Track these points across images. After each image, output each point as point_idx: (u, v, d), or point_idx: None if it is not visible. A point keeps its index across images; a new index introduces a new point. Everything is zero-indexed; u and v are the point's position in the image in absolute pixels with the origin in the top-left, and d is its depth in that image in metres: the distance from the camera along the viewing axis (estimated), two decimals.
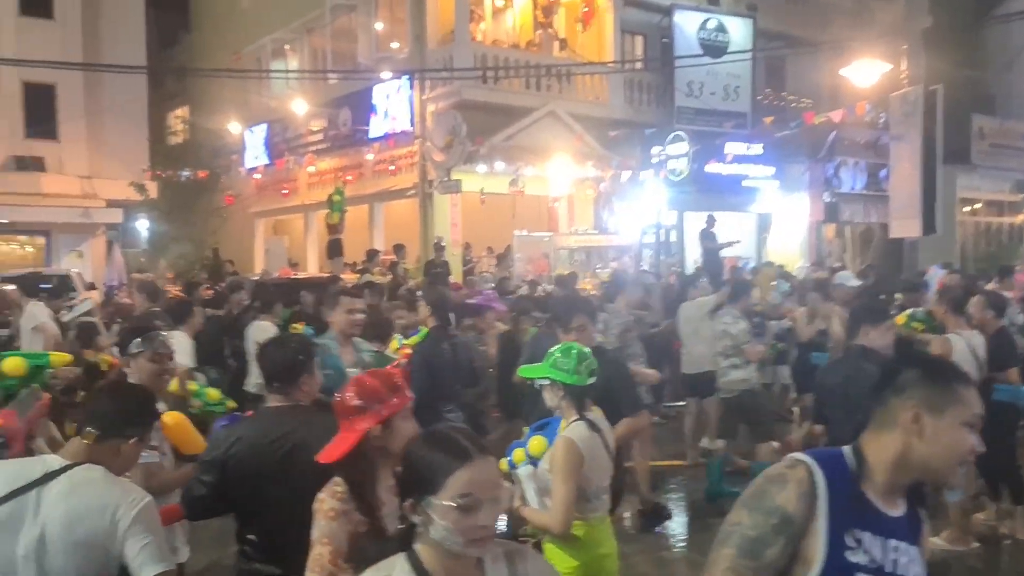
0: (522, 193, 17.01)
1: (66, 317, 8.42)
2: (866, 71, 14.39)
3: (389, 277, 13.55)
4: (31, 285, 8.69)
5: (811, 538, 1.88)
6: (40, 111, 21.58)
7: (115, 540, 2.40)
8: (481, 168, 16.47)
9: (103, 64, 21.09)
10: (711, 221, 15.99)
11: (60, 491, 2.43)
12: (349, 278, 13.34)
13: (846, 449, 1.99)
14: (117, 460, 2.57)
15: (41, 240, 22.50)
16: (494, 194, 16.73)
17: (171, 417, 3.17)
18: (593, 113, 18.21)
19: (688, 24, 18.63)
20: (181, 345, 7.03)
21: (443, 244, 15.34)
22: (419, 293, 9.93)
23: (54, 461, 2.53)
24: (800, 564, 1.89)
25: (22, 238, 22.54)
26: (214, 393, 6.79)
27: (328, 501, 2.44)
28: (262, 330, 7.31)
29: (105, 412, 2.62)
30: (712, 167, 17.80)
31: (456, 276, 14.89)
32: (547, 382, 3.58)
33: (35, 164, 21.57)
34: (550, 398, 3.60)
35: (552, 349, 3.67)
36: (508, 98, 17.16)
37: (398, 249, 15.06)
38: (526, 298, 10.25)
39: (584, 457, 3.40)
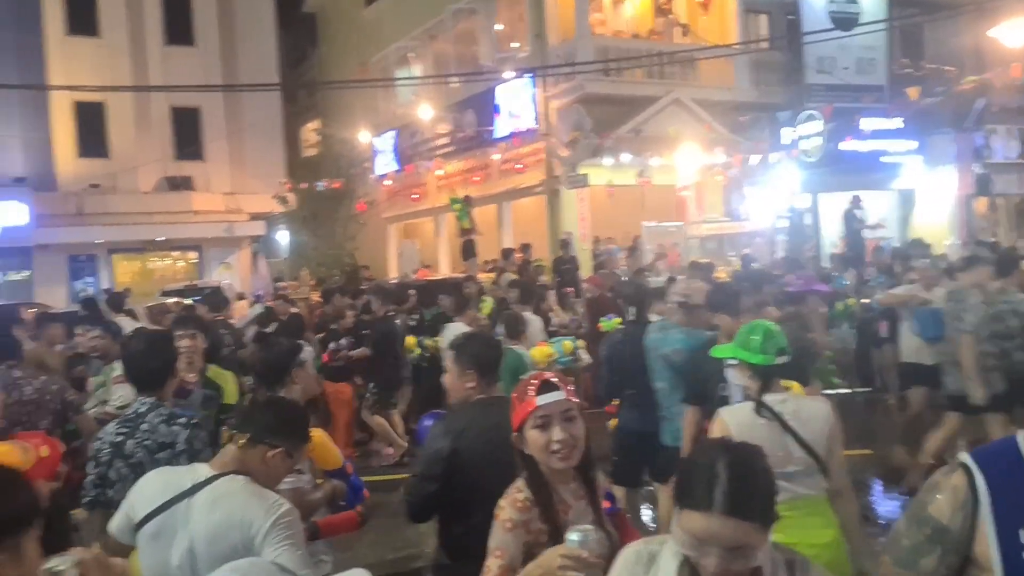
0: (650, 183, 16.78)
1: (240, 325, 9.12)
2: (1017, 30, 13.42)
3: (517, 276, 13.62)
4: (119, 299, 9.54)
5: (981, 544, 1.73)
6: (187, 133, 23.11)
7: (252, 552, 2.38)
8: (607, 161, 16.37)
9: (241, 84, 22.34)
10: (857, 201, 15.32)
11: (204, 503, 2.46)
12: (484, 277, 13.55)
13: (1020, 436, 1.80)
14: (263, 469, 2.56)
15: (193, 255, 24.07)
16: (622, 186, 16.59)
17: (312, 433, 3.16)
18: (719, 98, 17.81)
19: None
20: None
21: (569, 240, 15.31)
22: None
23: (203, 471, 2.55)
24: (979, 570, 1.76)
25: (176, 254, 24.16)
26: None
27: (507, 510, 2.31)
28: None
29: (257, 418, 2.67)
30: (848, 144, 17.05)
31: (586, 271, 14.84)
32: (735, 362, 3.46)
33: (185, 184, 23.11)
34: (739, 378, 3.49)
35: (741, 328, 3.48)
36: (631, 89, 17.00)
37: (525, 248, 15.08)
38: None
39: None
